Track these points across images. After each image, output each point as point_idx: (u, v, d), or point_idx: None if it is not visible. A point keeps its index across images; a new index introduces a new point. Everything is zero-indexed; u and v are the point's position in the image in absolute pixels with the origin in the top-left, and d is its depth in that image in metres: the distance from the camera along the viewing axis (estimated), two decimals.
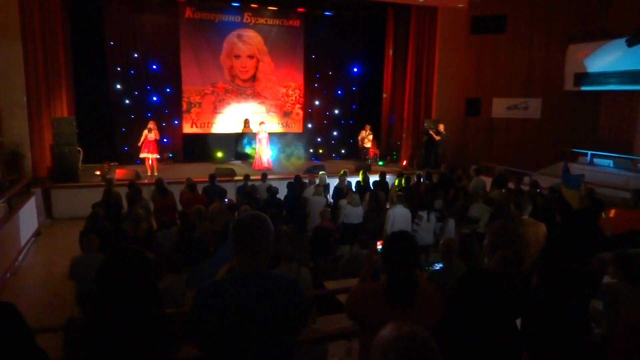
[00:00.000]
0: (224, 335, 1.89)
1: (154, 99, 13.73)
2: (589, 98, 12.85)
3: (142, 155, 11.75)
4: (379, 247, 2.56)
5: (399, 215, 6.99)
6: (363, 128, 14.26)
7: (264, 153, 13.02)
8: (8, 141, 10.25)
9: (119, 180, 10.20)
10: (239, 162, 13.98)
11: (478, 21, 13.42)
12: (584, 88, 12.39)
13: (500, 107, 13.57)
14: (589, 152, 12.06)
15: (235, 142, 14.21)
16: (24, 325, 1.75)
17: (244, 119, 14.20)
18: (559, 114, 13.11)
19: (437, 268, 4.47)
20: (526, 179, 10.28)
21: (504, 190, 8.51)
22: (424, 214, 7.00)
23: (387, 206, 8.15)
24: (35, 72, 10.68)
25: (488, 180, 9.93)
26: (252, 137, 13.57)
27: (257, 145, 13.05)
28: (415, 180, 10.04)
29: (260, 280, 1.94)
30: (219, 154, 14.18)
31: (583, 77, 12.29)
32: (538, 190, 7.94)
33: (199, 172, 11.31)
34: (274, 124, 14.95)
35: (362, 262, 2.64)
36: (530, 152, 13.32)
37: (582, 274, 2.43)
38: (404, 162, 14.62)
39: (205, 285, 1.98)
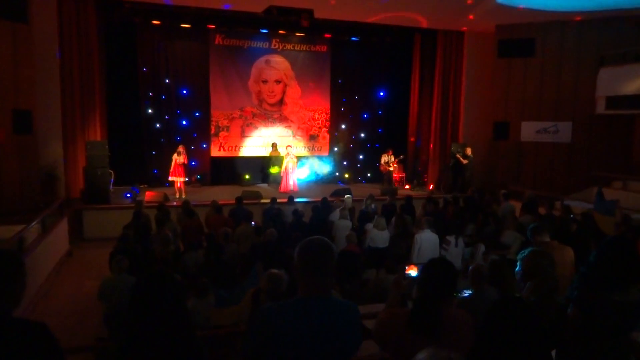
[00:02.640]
0: (283, 357, 1.88)
1: (184, 123, 14.05)
2: (622, 122, 12.55)
3: (170, 179, 12.00)
4: (409, 272, 2.52)
5: (426, 240, 6.87)
6: (385, 152, 14.26)
7: (291, 176, 13.10)
8: (44, 163, 10.60)
9: (148, 202, 10.38)
10: (265, 184, 14.09)
11: (505, 45, 13.35)
12: (616, 111, 12.11)
13: (529, 131, 13.35)
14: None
15: (263, 166, 14.39)
16: (55, 345, 1.77)
17: (272, 142, 14.37)
18: (590, 137, 12.83)
19: (466, 295, 4.35)
20: (557, 204, 10.03)
21: (533, 216, 8.31)
22: (452, 239, 6.87)
23: (414, 230, 8.04)
24: (72, 97, 11.11)
25: (517, 205, 9.72)
26: (279, 160, 13.70)
27: (283, 168, 13.16)
28: (443, 204, 9.90)
29: (323, 305, 1.94)
30: (247, 176, 14.35)
31: (616, 100, 12.02)
32: (571, 216, 7.71)
33: (226, 195, 11.45)
34: (300, 148, 15.07)
35: (390, 287, 2.59)
36: (561, 177, 13.02)
37: (621, 305, 2.33)
38: (431, 186, 14.48)
39: (269, 307, 1.98)
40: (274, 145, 14.30)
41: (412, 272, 2.59)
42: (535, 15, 12.27)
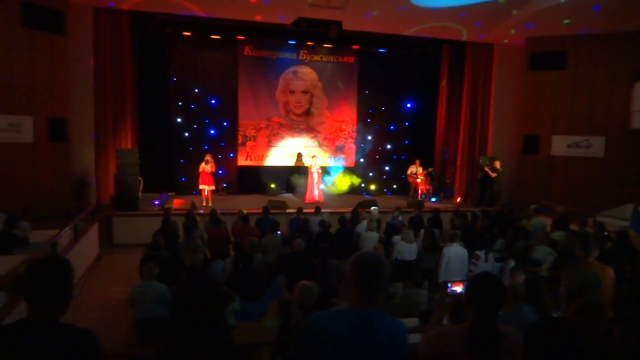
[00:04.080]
0: None
1: (212, 132, 14.24)
2: None
3: (200, 187, 12.15)
4: (453, 288, 2.48)
5: (454, 254, 6.77)
6: (413, 163, 14.15)
7: (316, 186, 13.11)
8: (76, 170, 10.86)
9: (175, 210, 10.52)
10: (290, 194, 14.13)
11: (536, 57, 13.14)
12: None
13: (560, 145, 13.07)
14: None
15: (288, 176, 14.47)
16: (100, 352, 1.80)
17: (297, 152, 14.44)
18: (624, 153, 12.46)
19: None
20: (589, 221, 9.74)
21: (565, 232, 8.11)
22: (481, 253, 6.75)
23: (442, 244, 7.92)
24: (104, 106, 11.40)
25: (547, 221, 9.50)
26: (304, 170, 13.75)
27: (309, 179, 13.17)
28: (471, 217, 9.75)
29: (374, 318, 1.93)
30: (272, 186, 14.43)
31: None
32: (605, 234, 7.49)
33: (251, 204, 11.53)
34: (326, 158, 15.09)
35: (434, 304, 2.53)
36: (593, 193, 12.65)
37: None
38: (458, 199, 14.30)
39: (320, 314, 1.98)
40: (298, 155, 14.37)
41: (457, 288, 2.54)
42: (568, 27, 12.07)
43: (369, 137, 15.71)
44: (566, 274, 2.15)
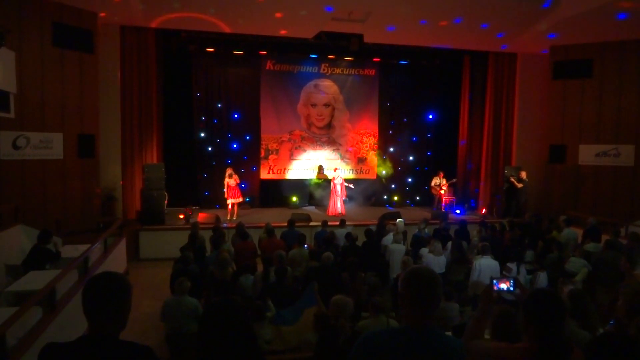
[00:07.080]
0: None
1: (234, 146, 14.36)
2: None
3: (228, 201, 12.17)
4: (501, 286, 2.42)
5: (485, 267, 6.66)
6: (436, 174, 14.03)
7: (338, 199, 13.08)
8: (104, 186, 11.03)
9: (201, 223, 10.57)
10: (312, 207, 14.13)
11: (561, 66, 12.97)
12: None
13: (587, 154, 12.82)
14: None
15: (310, 188, 14.48)
16: None
17: (318, 165, 14.45)
18: None
19: None
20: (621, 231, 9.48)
21: (600, 244, 7.91)
22: (513, 266, 6.62)
23: (470, 256, 7.80)
24: (131, 122, 11.60)
25: (578, 232, 9.29)
26: (326, 183, 13.73)
27: (331, 192, 13.15)
28: (499, 229, 9.59)
29: (430, 336, 1.88)
30: (294, 199, 14.44)
31: None
32: None
33: (274, 217, 11.55)
34: (348, 170, 15.06)
35: (480, 297, 2.47)
36: (623, 202, 12.36)
37: None
38: (483, 210, 14.09)
39: (374, 333, 1.95)
40: (320, 168, 14.39)
41: (504, 285, 2.48)
42: (593, 35, 11.90)
43: (391, 149, 15.66)
44: (625, 288, 2.08)
